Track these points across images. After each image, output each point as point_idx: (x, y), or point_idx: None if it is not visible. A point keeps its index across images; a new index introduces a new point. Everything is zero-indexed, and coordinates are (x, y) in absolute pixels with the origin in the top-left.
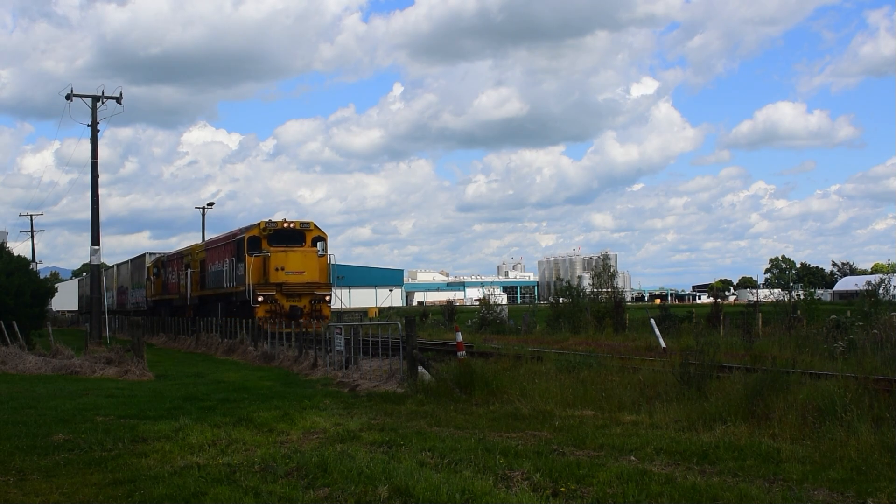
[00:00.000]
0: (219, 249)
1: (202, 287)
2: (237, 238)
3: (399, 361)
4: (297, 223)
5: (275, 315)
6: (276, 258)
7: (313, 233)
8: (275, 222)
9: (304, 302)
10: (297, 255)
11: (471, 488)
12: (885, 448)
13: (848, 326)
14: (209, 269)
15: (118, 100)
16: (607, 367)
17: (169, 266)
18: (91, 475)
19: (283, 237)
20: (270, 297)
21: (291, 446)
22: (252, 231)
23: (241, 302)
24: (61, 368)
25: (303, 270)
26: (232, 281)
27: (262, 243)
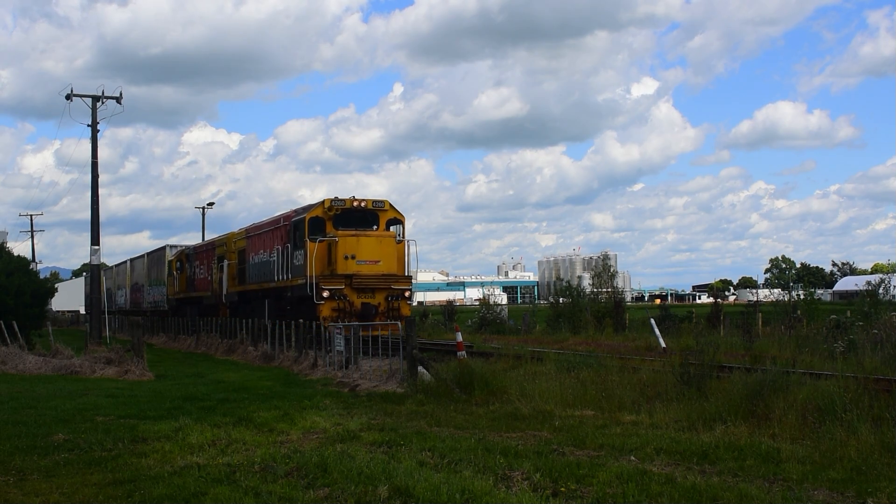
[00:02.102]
0: (265, 236)
1: (242, 281)
2: (294, 220)
3: (399, 361)
4: (368, 202)
5: (343, 314)
6: (345, 244)
7: (388, 213)
8: (342, 200)
9: (378, 298)
10: (370, 240)
11: (471, 488)
12: (885, 448)
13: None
14: (251, 261)
15: (118, 100)
16: (607, 367)
17: (196, 259)
18: (91, 475)
19: (352, 218)
20: (338, 292)
21: (291, 446)
22: (314, 211)
23: (297, 298)
24: (61, 368)
25: (378, 259)
26: (284, 273)
27: (325, 226)
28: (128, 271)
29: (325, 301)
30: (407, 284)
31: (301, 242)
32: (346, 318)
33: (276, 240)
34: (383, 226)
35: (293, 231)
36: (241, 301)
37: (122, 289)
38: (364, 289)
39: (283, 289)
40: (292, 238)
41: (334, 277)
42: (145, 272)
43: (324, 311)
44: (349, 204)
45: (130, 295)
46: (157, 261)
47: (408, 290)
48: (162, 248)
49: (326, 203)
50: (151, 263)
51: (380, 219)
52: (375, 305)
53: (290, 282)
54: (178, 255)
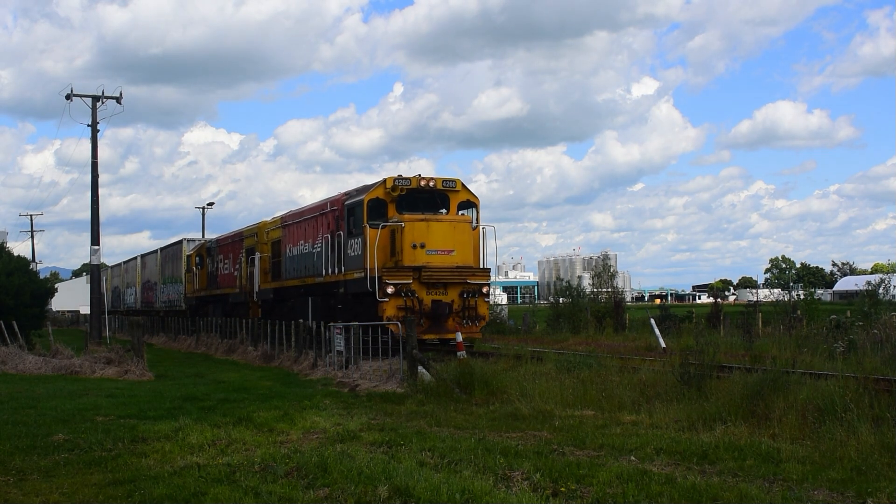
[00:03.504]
0: (306, 224)
1: (277, 277)
2: (348, 203)
3: (399, 361)
4: (438, 180)
5: (410, 314)
6: (412, 230)
7: (460, 195)
8: (406, 178)
9: (451, 295)
10: (442, 225)
11: (471, 488)
12: (885, 448)
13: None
14: (288, 253)
15: (118, 100)
16: (607, 368)
17: (219, 253)
18: (91, 475)
19: (418, 200)
20: (404, 287)
21: (291, 446)
22: (374, 192)
23: (353, 296)
24: (61, 368)
25: (451, 248)
26: (333, 266)
27: (387, 209)
28: (138, 268)
29: (389, 298)
30: (484, 278)
31: (358, 229)
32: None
33: (321, 228)
34: (454, 209)
35: (347, 216)
36: (276, 299)
37: (131, 287)
38: (435, 283)
39: (332, 284)
40: (346, 224)
41: (400, 270)
42: (158, 269)
43: (388, 309)
44: (415, 183)
45: (141, 294)
46: (172, 256)
47: (485, 284)
48: (178, 243)
49: (388, 182)
50: (166, 259)
51: (450, 201)
52: (448, 304)
53: (341, 276)
54: (198, 248)
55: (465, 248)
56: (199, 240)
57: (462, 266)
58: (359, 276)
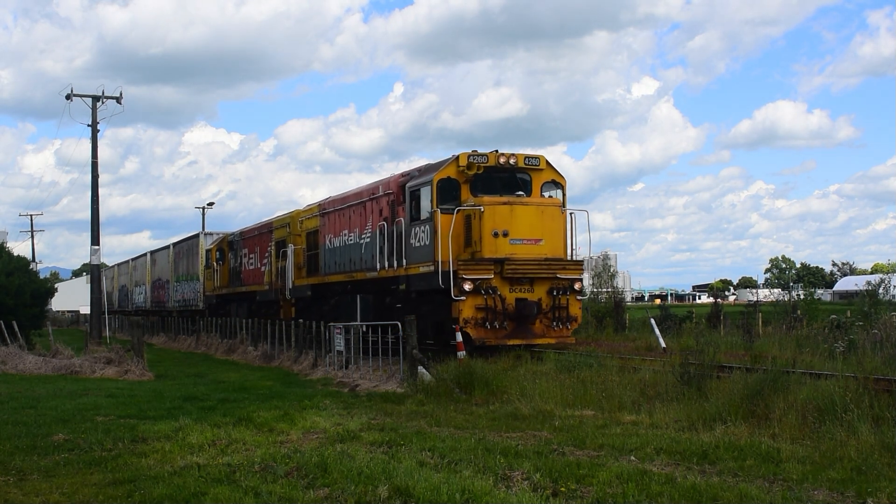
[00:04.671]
0: (351, 211)
1: (313, 271)
2: (411, 185)
3: (399, 361)
4: (519, 157)
5: (491, 315)
6: (493, 215)
7: (544, 174)
8: (482, 155)
9: (539, 292)
10: (528, 210)
11: (471, 488)
12: (885, 448)
13: (848, 326)
14: (328, 244)
15: (118, 100)
16: (607, 367)
17: (243, 247)
18: (91, 475)
19: (496, 181)
20: (485, 283)
21: (291, 446)
22: (445, 170)
23: (416, 293)
24: (61, 368)
25: (539, 237)
26: (389, 259)
27: (460, 191)
28: (147, 266)
29: (466, 296)
30: (577, 272)
31: (424, 215)
32: (497, 321)
33: (371, 215)
34: (537, 190)
35: (409, 200)
36: (315, 297)
37: (140, 286)
38: (520, 279)
39: (388, 280)
40: (408, 210)
41: (479, 263)
42: (170, 266)
43: (465, 310)
44: (493, 160)
45: (152, 293)
46: (187, 251)
47: (578, 280)
48: (194, 237)
49: (462, 159)
50: (180, 255)
51: (532, 181)
52: (535, 302)
53: (401, 270)
54: (219, 242)
55: (555, 236)
56: (218, 233)
57: (551, 258)
58: (426, 269)
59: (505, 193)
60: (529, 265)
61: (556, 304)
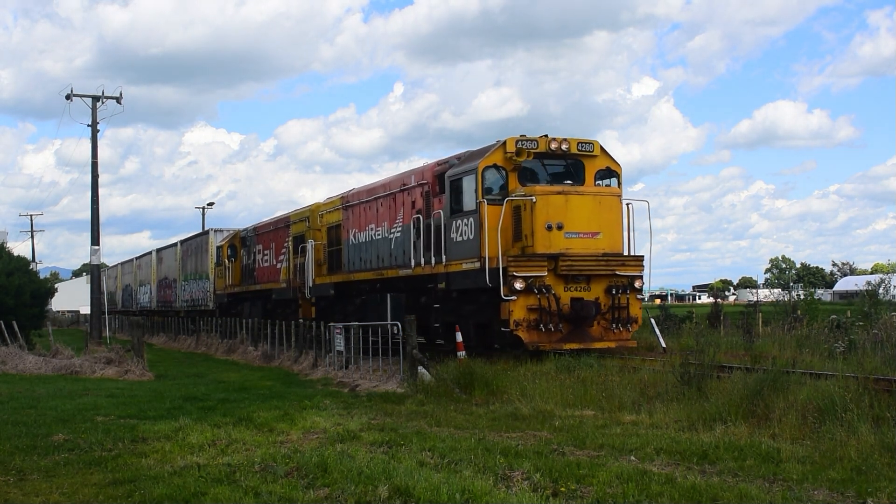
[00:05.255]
0: (378, 204)
1: (335, 268)
2: (450, 174)
3: (399, 361)
4: (572, 142)
5: (545, 317)
6: (546, 206)
7: (598, 161)
8: (532, 140)
9: (596, 291)
10: (585, 200)
11: (471, 488)
12: (885, 448)
13: (848, 326)
14: (352, 240)
15: (118, 100)
16: (607, 367)
17: (257, 243)
18: (91, 475)
19: (546, 168)
20: (537, 281)
21: (291, 446)
22: (491, 157)
23: (458, 292)
24: (61, 368)
25: (596, 230)
26: (426, 255)
27: (508, 179)
28: (153, 264)
29: (517, 296)
30: (637, 268)
31: (468, 206)
32: (551, 323)
33: (402, 207)
34: (590, 179)
35: (449, 191)
36: (338, 296)
37: (145, 285)
38: (576, 276)
39: (424, 278)
40: (448, 201)
41: (531, 259)
42: (178, 264)
43: (516, 310)
44: (543, 146)
45: (157, 292)
46: (196, 249)
47: (638, 277)
48: (203, 233)
49: (510, 145)
50: (188, 253)
51: (585, 169)
52: (593, 302)
53: (441, 267)
54: (230, 239)
55: (613, 229)
56: (229, 229)
57: (610, 253)
58: (470, 266)
59: (555, 182)
60: (586, 261)
61: (616, 303)
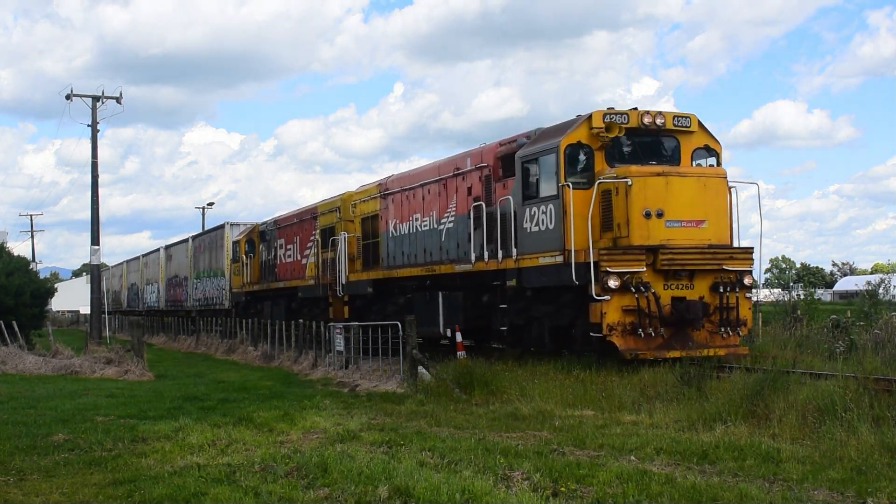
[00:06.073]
0: (425, 191)
1: (373, 263)
2: (522, 154)
3: (399, 361)
4: (667, 116)
5: (645, 319)
6: (644, 189)
7: (695, 138)
8: (622, 113)
9: (700, 289)
10: (688, 183)
11: (471, 488)
12: (885, 448)
13: (848, 326)
14: (393, 232)
15: (118, 100)
16: (607, 367)
17: (279, 237)
18: (91, 475)
19: (636, 147)
20: (634, 278)
21: (291, 446)
22: (574, 133)
23: (534, 291)
24: (61, 368)
25: (701, 219)
26: (490, 248)
27: (593, 159)
28: (161, 262)
29: (611, 295)
30: (746, 262)
31: (546, 189)
32: (651, 327)
33: (455, 194)
34: (687, 159)
35: (521, 173)
36: (378, 294)
37: (153, 284)
38: (677, 272)
39: (488, 275)
40: (519, 185)
41: (627, 252)
42: (189, 261)
43: (609, 312)
44: (635, 120)
45: (166, 291)
46: (210, 245)
47: (748, 272)
48: (218, 227)
49: (597, 119)
50: (200, 249)
51: (681, 147)
52: (700, 302)
53: (510, 262)
54: (248, 233)
55: (720, 216)
56: (246, 223)
57: (716, 245)
58: (549, 261)
59: (647, 162)
60: (691, 254)
61: (723, 303)
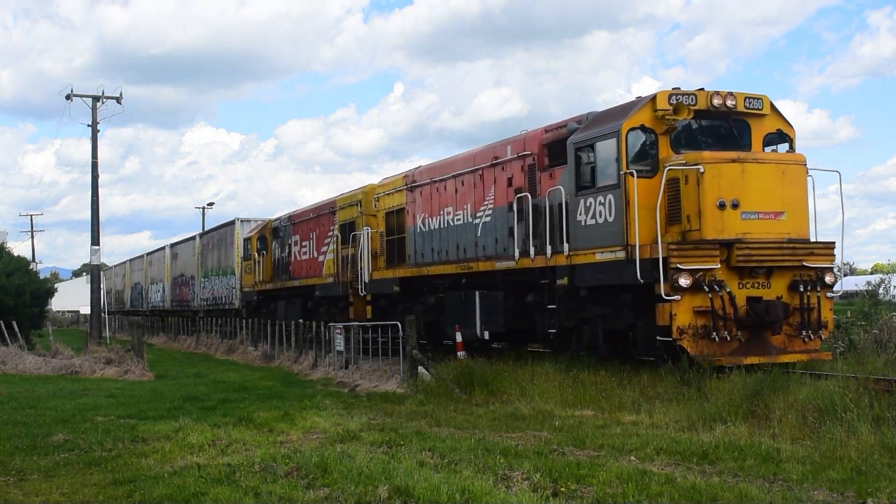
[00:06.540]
0: (457, 183)
1: (398, 260)
2: (576, 140)
3: (399, 361)
4: (738, 97)
5: (719, 322)
6: (718, 177)
7: (766, 122)
8: (690, 94)
9: (777, 288)
10: (766, 170)
11: (471, 488)
12: (885, 448)
13: (848, 327)
14: (420, 227)
15: (118, 100)
16: (607, 367)
17: (293, 233)
18: (91, 475)
19: (704, 131)
20: (706, 276)
21: (291, 446)
22: (637, 116)
23: (588, 290)
24: (61, 368)
25: (780, 210)
26: (529, 243)
27: (658, 145)
28: (166, 261)
29: (683, 294)
30: (828, 259)
31: (605, 178)
32: (726, 330)
33: (494, 185)
34: (758, 144)
35: (576, 160)
36: (405, 293)
37: (157, 283)
38: (754, 269)
39: (534, 272)
40: (573, 174)
41: (699, 247)
42: (196, 259)
43: (680, 314)
44: (704, 101)
45: (172, 291)
46: (219, 242)
47: (829, 269)
48: (228, 224)
49: (662, 100)
50: (208, 246)
51: (751, 131)
52: (780, 303)
53: (560, 258)
54: (260, 229)
55: (799, 208)
56: (258, 220)
57: (796, 239)
58: (608, 257)
59: (716, 148)
60: (769, 249)
61: (804, 303)
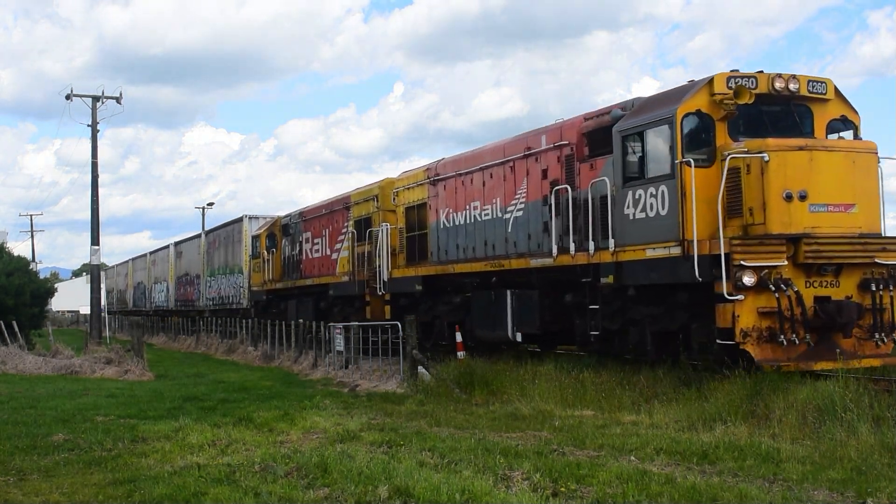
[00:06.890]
0: (485, 175)
1: (420, 257)
2: (622, 127)
3: (399, 361)
4: (802, 80)
5: (786, 324)
6: (783, 166)
7: (830, 107)
8: (750, 77)
9: (847, 287)
10: (835, 158)
11: (471, 488)
12: (885, 448)
13: None
14: (444, 223)
15: (118, 100)
16: (607, 367)
17: (304, 230)
18: (91, 475)
19: (763, 116)
20: (774, 273)
21: (291, 446)
22: (692, 100)
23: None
24: (61, 368)
25: (851, 202)
26: (570, 239)
27: (715, 131)
28: (171, 259)
29: (745, 294)
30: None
31: (657, 168)
32: (794, 333)
33: (526, 177)
34: (821, 131)
35: (623, 149)
36: (427, 292)
37: (161, 283)
38: (822, 266)
39: (576, 270)
40: (620, 164)
41: (764, 242)
42: (202, 258)
43: (743, 315)
44: (765, 85)
45: (176, 290)
46: (226, 240)
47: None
48: (236, 221)
49: (719, 84)
50: (215, 245)
51: (814, 117)
52: (853, 303)
53: (604, 255)
54: (269, 227)
55: (870, 200)
56: (266, 217)
57: (867, 234)
58: (660, 253)
59: (778, 136)
60: (839, 244)
61: (876, 304)
